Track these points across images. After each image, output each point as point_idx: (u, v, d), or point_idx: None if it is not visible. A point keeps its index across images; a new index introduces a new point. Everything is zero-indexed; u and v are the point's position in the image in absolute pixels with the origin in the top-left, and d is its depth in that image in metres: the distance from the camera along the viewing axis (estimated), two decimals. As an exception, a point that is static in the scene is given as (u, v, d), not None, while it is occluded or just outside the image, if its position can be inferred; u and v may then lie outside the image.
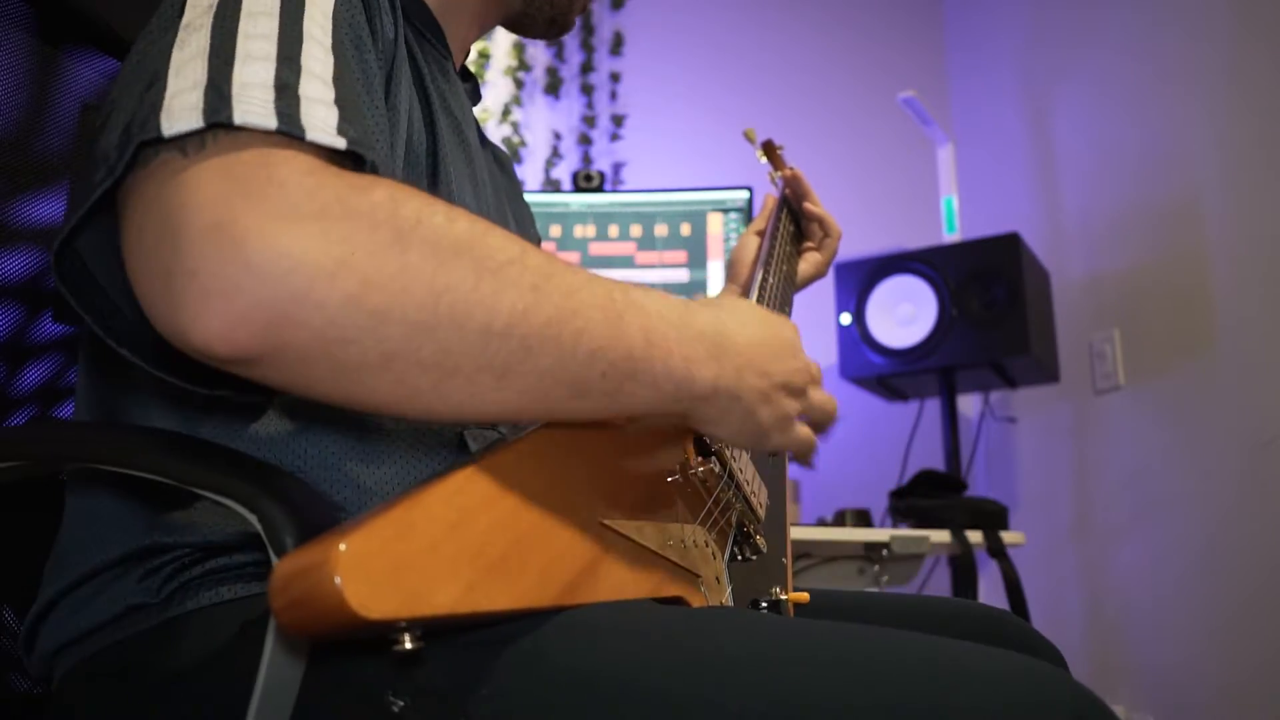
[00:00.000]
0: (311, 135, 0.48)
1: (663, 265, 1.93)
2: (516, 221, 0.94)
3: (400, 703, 0.49)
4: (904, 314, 2.06)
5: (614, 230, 1.95)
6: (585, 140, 2.56)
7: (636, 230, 1.94)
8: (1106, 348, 2.18)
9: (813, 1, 2.81)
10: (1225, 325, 1.90)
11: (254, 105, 0.47)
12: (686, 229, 1.94)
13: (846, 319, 2.10)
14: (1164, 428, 2.03)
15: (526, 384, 0.49)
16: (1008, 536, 1.77)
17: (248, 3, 0.53)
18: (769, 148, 1.24)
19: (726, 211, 1.94)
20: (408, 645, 0.42)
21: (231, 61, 0.49)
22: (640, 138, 2.60)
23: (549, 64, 2.57)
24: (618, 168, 2.57)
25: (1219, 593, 1.86)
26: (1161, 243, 2.07)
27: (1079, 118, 2.35)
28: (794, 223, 1.16)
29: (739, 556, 0.74)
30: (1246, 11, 1.89)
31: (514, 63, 2.53)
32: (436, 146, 0.70)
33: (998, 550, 1.76)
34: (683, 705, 0.46)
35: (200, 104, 0.47)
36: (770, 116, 2.64)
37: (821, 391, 0.69)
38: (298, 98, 0.49)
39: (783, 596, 0.73)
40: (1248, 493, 1.81)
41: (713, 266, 1.93)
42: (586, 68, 2.60)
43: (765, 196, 1.18)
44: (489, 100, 2.50)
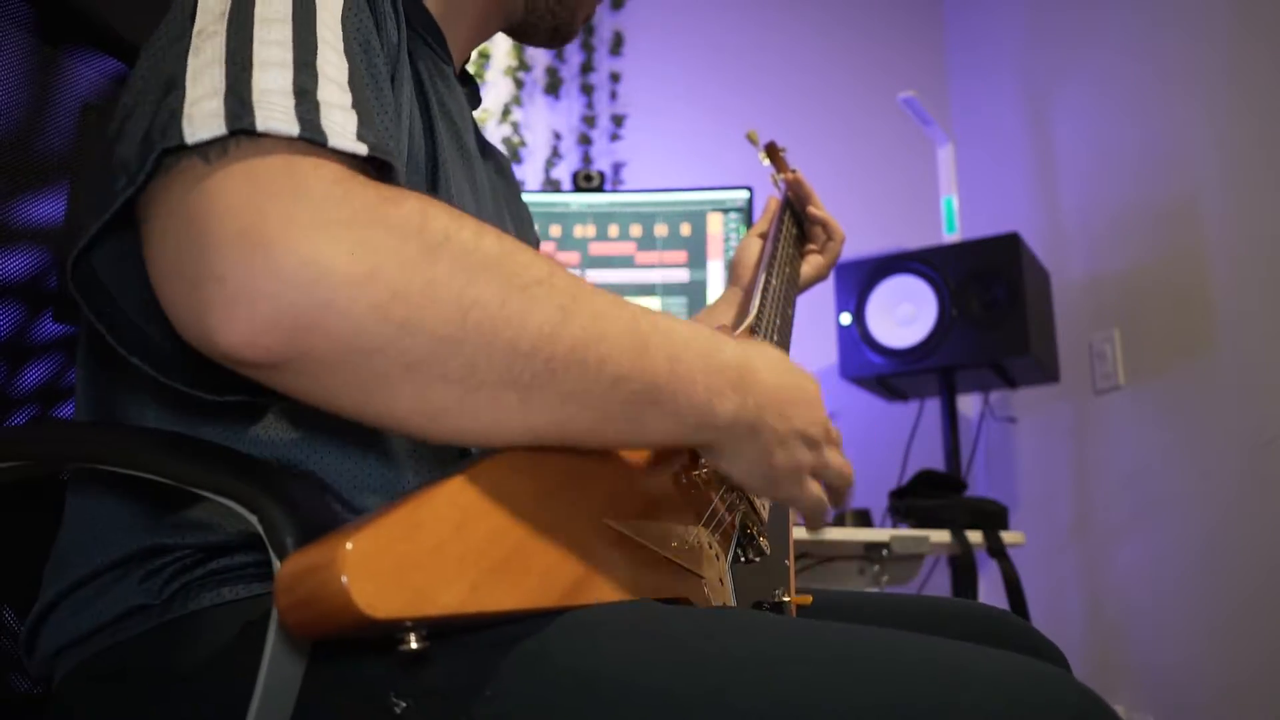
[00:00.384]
0: (333, 141, 0.48)
1: (663, 265, 1.93)
2: (515, 224, 0.94)
3: (403, 703, 0.49)
4: (904, 314, 2.06)
5: (614, 230, 1.94)
6: (585, 140, 2.56)
7: (636, 230, 1.94)
8: (1106, 348, 2.18)
9: (813, 2, 2.81)
10: (1225, 325, 1.90)
11: (275, 111, 0.47)
12: (686, 229, 1.94)
13: (846, 319, 2.10)
14: (1164, 428, 2.03)
15: (549, 406, 0.50)
16: (1008, 536, 1.77)
17: (260, 9, 0.53)
18: (772, 150, 1.24)
19: (726, 211, 1.94)
20: (413, 645, 0.42)
21: (250, 68, 0.49)
22: (640, 138, 2.60)
23: (549, 64, 2.57)
24: (618, 168, 2.57)
25: (1219, 593, 1.86)
26: (1161, 243, 2.07)
27: (1079, 118, 2.35)
28: (797, 225, 1.16)
29: (742, 558, 0.74)
30: (1246, 11, 1.89)
31: (514, 63, 2.53)
32: (436, 152, 0.70)
33: (998, 550, 1.76)
34: (686, 706, 0.46)
35: (222, 111, 0.47)
36: (770, 116, 2.64)
37: (840, 455, 0.68)
38: (317, 103, 0.49)
39: (785, 598, 0.73)
40: (1248, 493, 1.81)
41: (712, 266, 1.93)
42: (586, 68, 2.60)
43: (768, 199, 1.18)
44: (489, 100, 2.50)
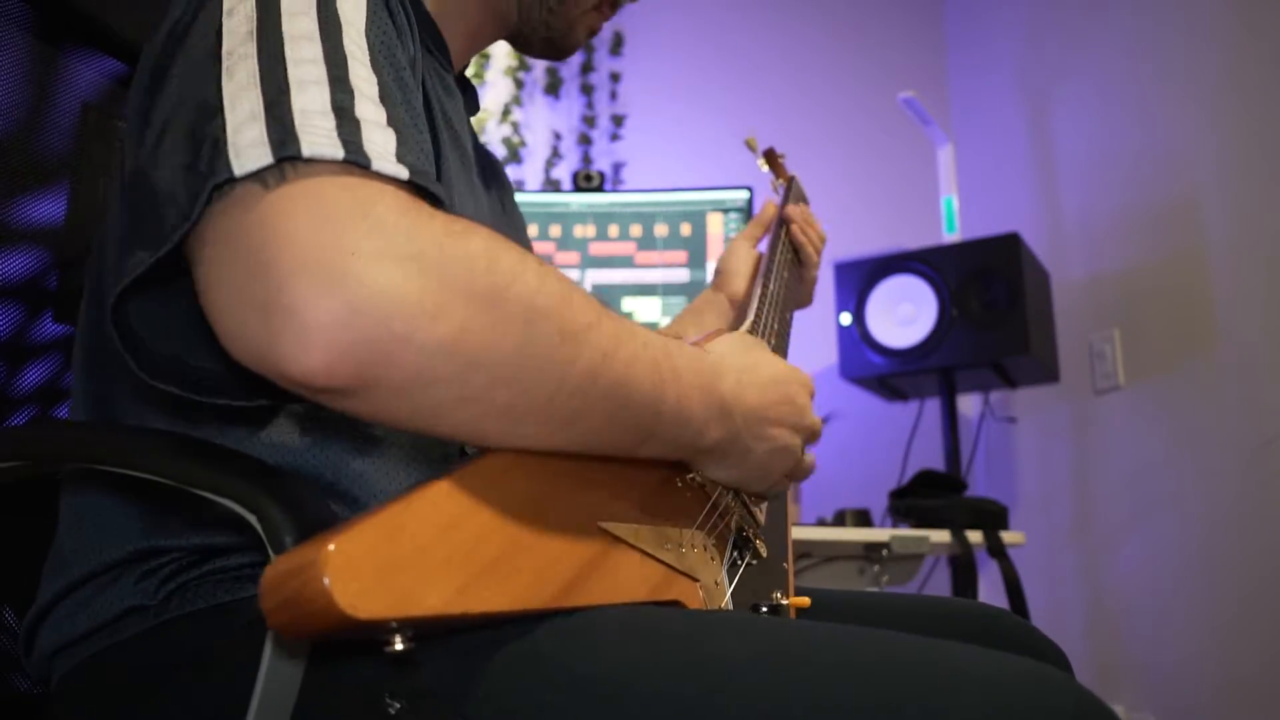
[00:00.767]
0: (376, 165, 0.48)
1: (663, 265, 1.93)
2: (512, 232, 0.94)
3: (398, 704, 0.49)
4: (904, 314, 2.06)
5: (614, 230, 1.94)
6: (585, 140, 2.56)
7: (636, 230, 1.94)
8: (1106, 348, 2.18)
9: (813, 2, 2.81)
10: (1225, 325, 1.90)
11: (319, 135, 0.47)
12: (686, 229, 1.94)
13: (846, 319, 2.10)
14: (1164, 428, 2.03)
15: (574, 435, 0.54)
16: (1008, 536, 1.77)
17: (288, 26, 0.53)
18: (770, 156, 1.23)
19: (726, 211, 1.94)
20: (399, 646, 0.42)
21: (287, 90, 0.49)
22: (640, 138, 2.60)
23: (549, 64, 2.57)
24: (618, 168, 2.57)
25: (1219, 592, 1.86)
26: (1161, 243, 2.07)
27: (1079, 118, 2.35)
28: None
29: (739, 561, 0.73)
30: (1246, 12, 1.89)
31: (514, 63, 2.53)
32: (440, 162, 0.70)
33: (998, 550, 1.76)
34: (681, 707, 0.46)
35: (265, 138, 0.47)
36: (770, 116, 2.65)
37: (807, 454, 0.76)
38: (356, 121, 0.49)
39: (784, 601, 0.72)
40: (1248, 493, 1.81)
41: (712, 267, 1.93)
42: (586, 68, 2.60)
43: (764, 203, 1.17)
44: (489, 100, 2.50)
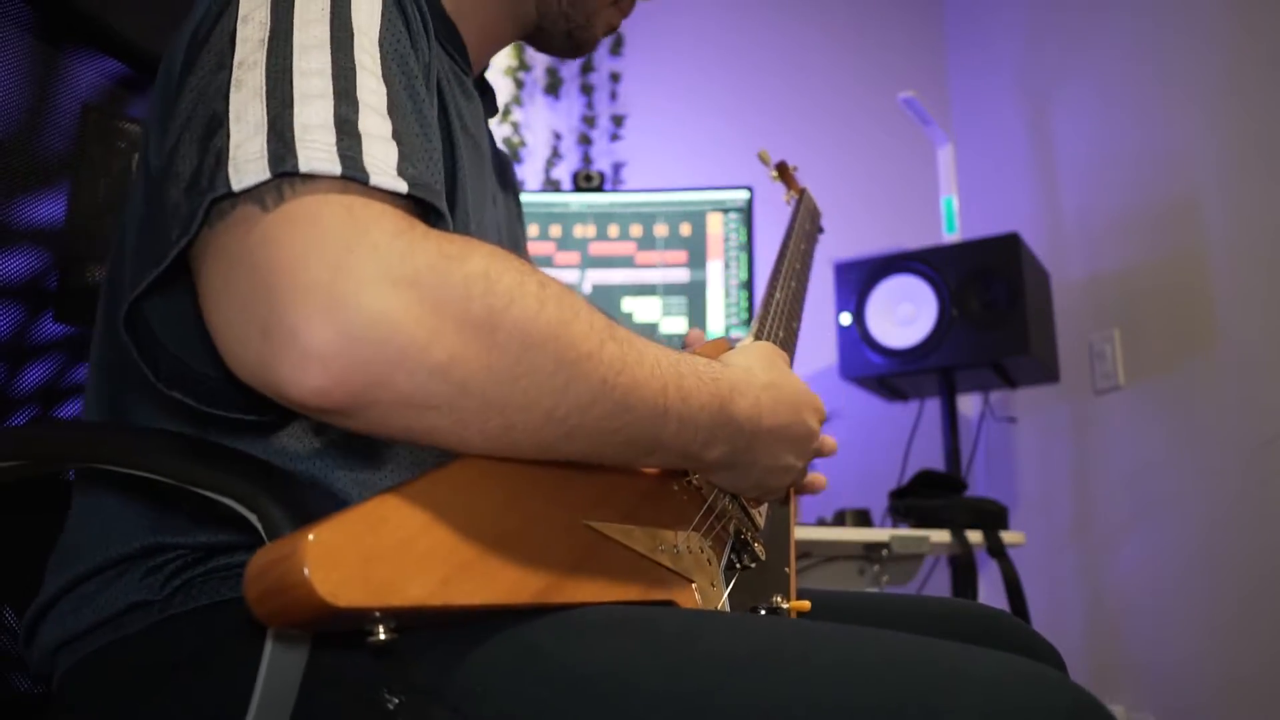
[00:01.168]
0: (374, 180, 0.48)
1: (663, 265, 1.93)
2: (512, 241, 0.94)
3: (395, 700, 0.49)
4: (904, 314, 2.06)
5: (614, 230, 1.95)
6: (585, 140, 2.56)
7: (636, 230, 1.94)
8: (1106, 348, 2.18)
9: (813, 2, 2.81)
10: (1225, 325, 1.90)
11: (318, 151, 0.47)
12: (686, 229, 1.94)
13: (846, 319, 2.10)
14: (1164, 428, 2.03)
15: (570, 451, 0.54)
16: (1008, 536, 1.77)
17: (299, 35, 0.53)
18: (783, 169, 1.24)
19: (726, 211, 1.94)
20: (381, 636, 0.43)
21: (290, 103, 0.49)
22: (640, 138, 2.60)
23: (549, 64, 2.57)
24: (618, 168, 2.57)
25: (1219, 592, 1.86)
26: (1161, 243, 2.07)
27: (1079, 118, 2.35)
28: (805, 241, 1.16)
29: (737, 564, 0.73)
30: (1246, 13, 1.89)
31: (514, 62, 2.54)
32: (456, 168, 0.70)
33: (997, 550, 1.76)
34: (680, 705, 0.46)
35: (264, 153, 0.47)
36: (770, 116, 2.65)
37: (813, 472, 0.77)
38: (358, 135, 0.49)
39: (783, 604, 0.72)
40: (1248, 493, 1.81)
41: (712, 266, 1.93)
42: (586, 68, 2.60)
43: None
44: (489, 100, 2.49)
